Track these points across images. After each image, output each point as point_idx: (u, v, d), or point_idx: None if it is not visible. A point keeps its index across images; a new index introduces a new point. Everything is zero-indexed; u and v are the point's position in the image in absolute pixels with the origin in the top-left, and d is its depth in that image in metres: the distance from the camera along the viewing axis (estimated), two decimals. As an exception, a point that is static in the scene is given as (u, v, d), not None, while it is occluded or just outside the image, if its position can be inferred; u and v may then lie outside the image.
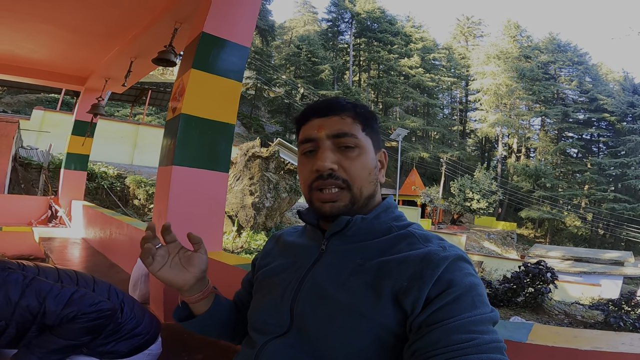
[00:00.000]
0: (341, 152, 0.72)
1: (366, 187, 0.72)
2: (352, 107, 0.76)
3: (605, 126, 38.09)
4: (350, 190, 0.71)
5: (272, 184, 10.05)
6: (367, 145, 0.74)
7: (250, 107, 31.38)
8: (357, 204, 0.72)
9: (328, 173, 0.70)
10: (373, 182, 0.74)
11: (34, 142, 11.08)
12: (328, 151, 0.71)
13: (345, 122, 0.73)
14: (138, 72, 3.84)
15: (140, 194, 10.30)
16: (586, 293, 11.92)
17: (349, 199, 0.71)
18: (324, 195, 0.71)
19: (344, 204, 0.71)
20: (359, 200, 0.72)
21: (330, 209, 0.71)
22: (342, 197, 0.71)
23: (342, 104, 0.75)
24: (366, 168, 0.72)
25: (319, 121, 0.74)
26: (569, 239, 33.39)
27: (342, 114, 0.74)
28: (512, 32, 40.75)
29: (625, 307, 6.80)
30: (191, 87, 1.83)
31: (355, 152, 0.72)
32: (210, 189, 1.89)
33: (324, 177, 0.70)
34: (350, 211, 0.71)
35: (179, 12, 2.55)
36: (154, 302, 1.85)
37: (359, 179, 0.71)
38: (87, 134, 4.57)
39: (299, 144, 0.77)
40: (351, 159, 0.71)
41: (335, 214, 0.71)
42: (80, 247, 3.38)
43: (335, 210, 0.71)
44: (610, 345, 0.76)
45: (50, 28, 3.22)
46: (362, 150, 0.72)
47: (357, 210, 0.72)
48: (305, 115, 0.77)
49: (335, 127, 0.72)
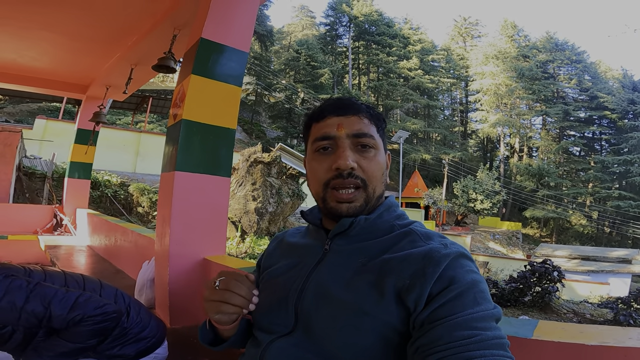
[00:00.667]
0: (359, 151, 0.72)
1: (379, 187, 0.74)
2: (366, 108, 0.77)
3: (606, 124, 37.95)
4: (365, 190, 0.72)
5: (274, 189, 10.06)
6: (381, 146, 0.75)
7: (251, 113, 31.47)
8: (370, 203, 0.73)
9: (348, 172, 0.70)
10: (384, 183, 0.76)
11: (37, 151, 11.13)
12: (349, 150, 0.71)
13: (364, 122, 0.74)
14: (138, 79, 3.87)
15: (143, 202, 10.33)
16: (595, 292, 11.81)
17: (364, 199, 0.72)
18: (342, 195, 0.71)
19: (359, 204, 0.71)
20: (372, 200, 0.73)
21: (347, 209, 0.71)
22: (359, 197, 0.71)
23: (358, 104, 0.76)
24: (381, 168, 0.74)
25: (338, 119, 0.74)
26: (575, 238, 33.16)
27: (360, 114, 0.75)
28: (510, 32, 40.78)
29: (634, 305, 6.73)
30: (191, 93, 1.84)
31: (372, 153, 0.73)
32: (213, 193, 1.89)
33: (344, 176, 0.70)
34: (364, 212, 0.72)
35: (177, 18, 2.57)
36: (160, 307, 1.86)
37: (374, 179, 0.72)
38: (89, 142, 4.59)
39: (313, 141, 0.76)
40: (369, 159, 0.72)
41: (351, 214, 0.71)
42: (86, 254, 3.39)
43: (352, 210, 0.71)
44: (617, 340, 0.76)
45: (52, 35, 3.25)
46: (378, 152, 0.74)
47: (369, 210, 0.73)
48: (322, 113, 0.76)
49: (356, 127, 0.73)
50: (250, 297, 0.69)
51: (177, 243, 1.77)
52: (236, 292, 0.68)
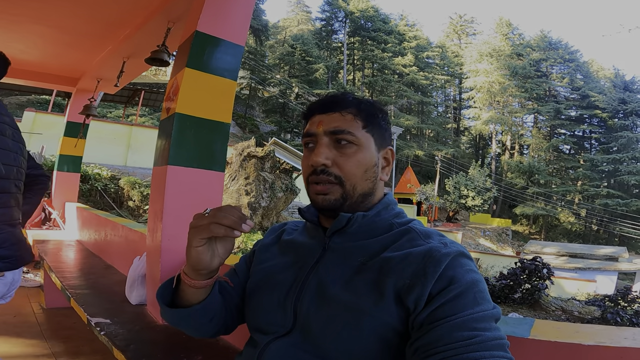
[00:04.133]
0: (337, 148, 0.72)
1: (360, 184, 0.72)
2: (356, 103, 0.75)
3: (597, 123, 38.47)
4: (342, 186, 0.71)
5: (268, 183, 10.03)
6: (367, 142, 0.73)
7: (244, 107, 31.27)
8: (350, 200, 0.72)
9: (321, 169, 0.71)
10: (370, 180, 0.73)
11: (25, 144, 10.94)
12: (324, 147, 0.72)
13: (345, 119, 0.73)
14: (131, 72, 3.80)
15: (134, 195, 10.21)
16: (582, 289, 12.02)
17: (341, 194, 0.71)
18: (318, 187, 0.72)
19: (334, 197, 0.71)
20: (352, 196, 0.71)
21: (322, 201, 0.72)
22: (334, 191, 0.71)
23: (346, 100, 0.75)
24: (362, 165, 0.72)
25: (320, 117, 0.75)
26: (563, 235, 33.68)
27: (344, 110, 0.74)
28: (504, 30, 41.03)
29: (621, 303, 6.83)
30: (185, 86, 1.81)
31: (352, 149, 0.71)
32: (207, 188, 1.87)
33: (317, 172, 0.71)
34: (343, 206, 0.71)
35: (172, 11, 2.52)
36: (152, 304, 1.83)
37: (352, 176, 0.71)
38: (79, 135, 4.51)
39: (302, 137, 0.78)
40: (346, 156, 0.71)
41: (326, 207, 0.71)
42: (75, 250, 3.34)
43: (327, 203, 0.71)
44: (613, 340, 0.76)
45: (41, 28, 3.16)
46: (360, 148, 0.72)
47: (351, 206, 0.72)
48: (310, 111, 0.78)
49: (334, 124, 0.72)
50: (244, 220, 0.64)
51: (170, 238, 1.74)
52: (228, 213, 0.64)
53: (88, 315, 1.66)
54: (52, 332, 2.53)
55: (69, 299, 1.95)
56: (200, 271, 0.69)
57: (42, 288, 3.03)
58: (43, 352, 2.22)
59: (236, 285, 0.84)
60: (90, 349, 2.31)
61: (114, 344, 1.38)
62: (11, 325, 2.56)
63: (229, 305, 0.82)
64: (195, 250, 0.66)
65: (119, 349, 1.34)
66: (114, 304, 1.87)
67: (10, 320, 2.63)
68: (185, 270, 0.72)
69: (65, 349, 2.28)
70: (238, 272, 0.87)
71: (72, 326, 2.62)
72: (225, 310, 0.81)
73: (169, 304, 0.77)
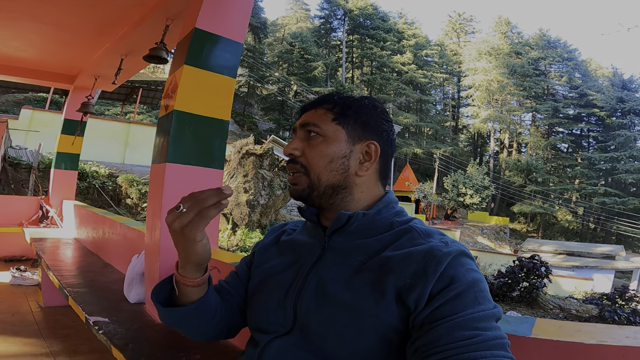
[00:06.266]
0: (307, 140, 0.75)
1: (325, 175, 0.72)
2: (334, 100, 0.77)
3: (595, 121, 38.59)
4: (308, 176, 0.73)
5: (266, 181, 10.03)
6: (335, 134, 0.73)
7: (243, 105, 31.23)
8: (317, 190, 0.73)
9: (291, 158, 0.75)
10: (336, 172, 0.72)
11: (23, 141, 10.90)
12: (297, 138, 0.76)
13: (317, 113, 0.75)
14: (129, 69, 3.78)
15: (132, 193, 10.19)
16: (579, 287, 12.05)
17: (307, 184, 0.73)
18: (290, 177, 0.76)
19: (301, 188, 0.73)
20: (318, 187, 0.72)
21: (292, 191, 0.75)
22: (301, 181, 0.74)
23: (327, 98, 0.78)
24: (326, 156, 0.72)
25: (303, 114, 0.79)
26: (560, 233, 33.83)
27: (320, 107, 0.77)
28: (503, 29, 41.05)
29: (619, 301, 6.84)
30: (184, 84, 1.80)
31: (317, 140, 0.73)
32: (205, 186, 1.84)
33: (289, 161, 0.76)
34: (310, 197, 0.73)
35: (170, 8, 2.50)
36: (150, 302, 1.83)
37: (315, 165, 0.72)
38: (77, 132, 4.48)
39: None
40: (311, 147, 0.74)
41: (295, 197, 0.75)
42: (73, 248, 3.32)
43: (295, 193, 0.75)
44: (614, 339, 0.76)
45: (38, 26, 3.13)
46: (325, 139, 0.73)
47: (319, 197, 0.73)
48: (300, 110, 0.82)
49: (306, 118, 0.76)
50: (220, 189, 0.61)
51: (168, 236, 1.73)
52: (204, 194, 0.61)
53: (86, 313, 1.65)
54: (50, 330, 2.52)
55: (67, 297, 1.94)
56: (204, 264, 0.71)
57: (39, 286, 3.01)
58: (41, 351, 2.21)
59: (238, 287, 0.84)
60: (88, 347, 2.30)
61: (112, 343, 1.38)
62: (9, 324, 2.54)
63: (231, 307, 0.82)
64: (201, 244, 0.67)
65: (118, 348, 1.34)
66: (112, 303, 1.86)
67: (8, 319, 2.61)
68: (180, 272, 0.71)
69: (63, 348, 2.27)
70: (239, 273, 0.87)
71: (70, 325, 2.61)
72: (226, 311, 0.81)
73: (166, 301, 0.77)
